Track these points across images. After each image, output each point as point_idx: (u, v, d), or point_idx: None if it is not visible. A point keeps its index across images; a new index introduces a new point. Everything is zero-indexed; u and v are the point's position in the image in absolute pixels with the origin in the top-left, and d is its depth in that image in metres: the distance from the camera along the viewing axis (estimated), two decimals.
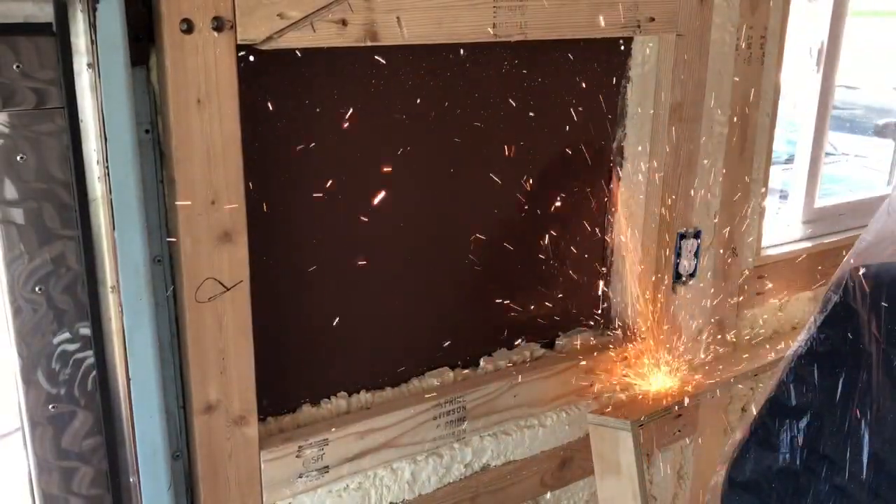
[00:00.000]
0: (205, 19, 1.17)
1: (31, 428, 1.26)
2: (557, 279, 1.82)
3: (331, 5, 1.27)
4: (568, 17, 1.52)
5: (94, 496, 1.33)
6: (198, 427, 1.34)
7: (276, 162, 1.39)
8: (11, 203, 1.16)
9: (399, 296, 1.60)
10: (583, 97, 1.72)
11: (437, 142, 1.55)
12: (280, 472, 1.44)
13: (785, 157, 3.25)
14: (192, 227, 1.25)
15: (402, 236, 1.56)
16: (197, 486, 1.38)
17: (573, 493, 1.93)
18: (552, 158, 1.72)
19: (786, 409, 1.48)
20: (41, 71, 1.14)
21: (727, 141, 1.88)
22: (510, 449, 1.76)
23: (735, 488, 1.53)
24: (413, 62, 1.48)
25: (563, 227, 1.79)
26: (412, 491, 1.65)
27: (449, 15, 1.38)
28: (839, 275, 1.44)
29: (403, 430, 1.57)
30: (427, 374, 1.68)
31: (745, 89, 1.87)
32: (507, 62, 1.58)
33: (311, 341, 1.52)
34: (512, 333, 1.79)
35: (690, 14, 1.69)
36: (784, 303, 2.26)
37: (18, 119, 1.14)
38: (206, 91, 1.20)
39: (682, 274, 1.89)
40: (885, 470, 1.36)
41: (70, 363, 1.26)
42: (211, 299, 1.29)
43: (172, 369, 1.35)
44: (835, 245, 2.30)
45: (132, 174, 1.18)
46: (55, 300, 1.22)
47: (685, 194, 1.82)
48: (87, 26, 1.12)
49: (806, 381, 1.45)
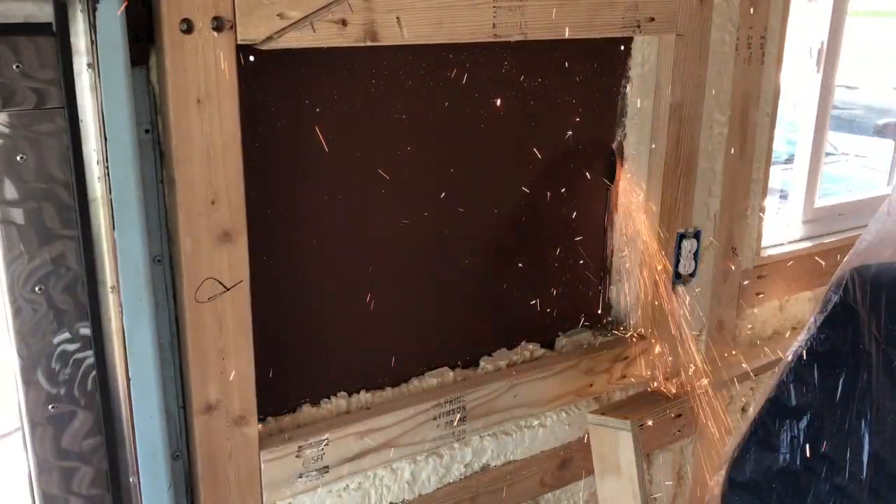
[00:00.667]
0: (205, 19, 1.17)
1: (31, 428, 1.26)
2: (557, 279, 1.82)
3: (331, 5, 1.27)
4: (568, 17, 1.52)
5: (94, 496, 1.33)
6: (198, 427, 1.34)
7: (276, 162, 1.39)
8: (11, 203, 1.16)
9: (399, 296, 1.60)
10: (583, 97, 1.72)
11: (437, 142, 1.55)
12: (280, 472, 1.44)
13: (785, 157, 3.25)
14: (192, 227, 1.25)
15: (402, 236, 1.56)
16: (197, 486, 1.38)
17: (573, 493, 1.93)
18: (552, 158, 1.72)
19: (786, 409, 1.48)
20: (41, 71, 1.14)
21: (727, 141, 1.88)
22: (510, 449, 1.76)
23: (735, 488, 1.53)
24: (413, 62, 1.48)
25: (563, 227, 1.79)
26: (412, 491, 1.65)
27: (449, 15, 1.38)
28: (839, 275, 1.44)
29: (403, 430, 1.57)
30: (427, 374, 1.68)
31: (745, 89, 1.87)
32: (507, 62, 1.58)
33: (311, 341, 1.52)
34: (512, 333, 1.79)
35: (690, 14, 1.69)
36: (784, 303, 2.26)
37: (18, 119, 1.14)
38: (206, 91, 1.20)
39: (682, 274, 1.89)
40: (885, 470, 1.36)
41: (70, 363, 1.26)
42: (211, 299, 1.29)
43: (172, 369, 1.35)
44: (835, 245, 2.30)
45: (132, 174, 1.18)
46: (55, 300, 1.22)
47: (685, 194, 1.83)
48: (87, 26, 1.12)
49: (806, 381, 1.45)
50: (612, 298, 1.93)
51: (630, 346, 1.86)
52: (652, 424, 1.88)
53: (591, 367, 1.80)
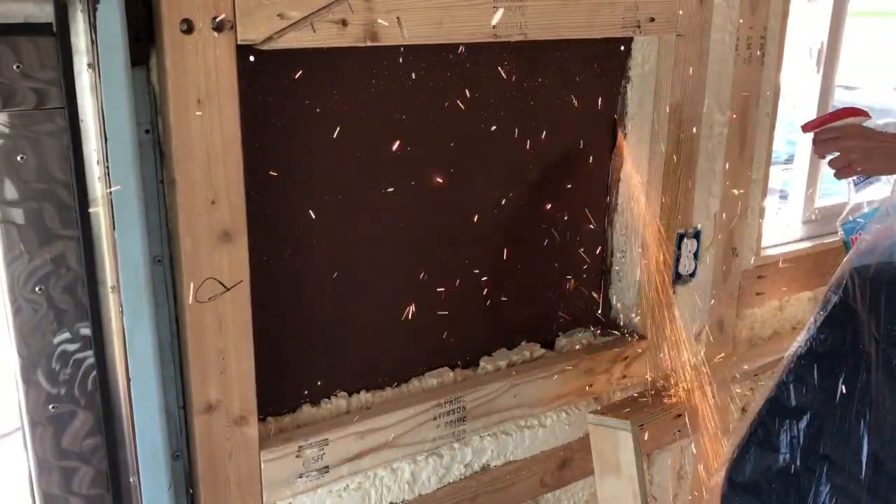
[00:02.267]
0: (205, 19, 1.17)
1: (31, 428, 1.26)
2: (557, 279, 1.82)
3: (331, 5, 1.27)
4: (568, 17, 1.52)
5: (94, 496, 1.33)
6: (198, 427, 1.34)
7: (277, 162, 1.38)
8: (11, 203, 1.16)
9: (399, 295, 1.60)
10: (583, 97, 1.72)
11: (437, 142, 1.55)
12: (280, 472, 1.44)
13: (785, 157, 3.25)
14: (192, 227, 1.25)
15: (402, 236, 1.57)
16: (197, 486, 1.38)
17: (573, 493, 1.93)
18: (552, 159, 1.72)
19: (786, 409, 1.48)
20: (41, 71, 1.14)
21: (727, 141, 1.88)
22: (510, 449, 1.76)
23: (735, 489, 1.53)
24: (413, 62, 1.48)
25: (563, 227, 1.79)
26: (412, 491, 1.65)
27: (449, 15, 1.38)
28: (839, 275, 1.44)
29: (403, 430, 1.57)
30: (427, 374, 1.68)
31: (745, 89, 1.87)
32: (507, 62, 1.58)
33: (312, 341, 1.52)
34: (512, 333, 1.79)
35: (690, 14, 1.69)
36: (784, 303, 2.26)
37: (18, 119, 1.14)
38: (206, 91, 1.20)
39: (682, 274, 1.89)
40: (885, 470, 1.36)
41: (70, 363, 1.26)
42: (211, 299, 1.29)
43: (172, 369, 1.35)
44: (835, 245, 2.29)
45: (132, 174, 1.18)
46: (55, 300, 1.22)
47: (685, 194, 1.83)
48: (87, 26, 1.12)
49: (806, 381, 1.45)
50: (612, 298, 1.93)
51: (630, 346, 1.86)
52: (652, 424, 1.88)
53: (591, 367, 1.80)
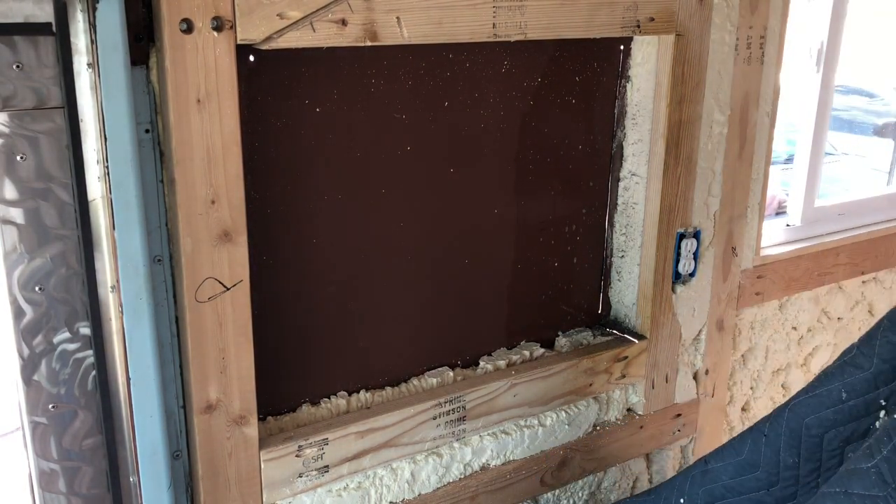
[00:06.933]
0: (205, 19, 1.17)
1: (31, 428, 1.26)
2: (557, 279, 1.82)
3: (331, 5, 1.27)
4: (568, 17, 1.52)
5: (94, 496, 1.33)
6: (198, 427, 1.34)
7: (276, 162, 1.39)
8: (11, 203, 1.16)
9: (399, 295, 1.60)
10: (583, 97, 1.72)
11: (437, 142, 1.55)
12: (280, 472, 1.44)
13: (785, 157, 3.26)
14: (192, 227, 1.25)
15: (402, 236, 1.57)
16: (197, 485, 1.38)
17: (573, 493, 1.93)
18: (552, 158, 1.72)
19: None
20: (41, 70, 1.14)
21: (727, 141, 1.88)
22: (510, 448, 1.76)
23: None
24: (413, 62, 1.48)
25: (562, 227, 1.79)
26: (412, 490, 1.65)
27: (449, 15, 1.38)
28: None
29: (403, 430, 1.57)
30: (427, 373, 1.68)
31: (745, 89, 1.87)
32: (507, 62, 1.58)
33: (312, 341, 1.52)
34: (512, 333, 1.79)
35: (690, 14, 1.69)
36: (784, 303, 2.27)
37: (18, 119, 1.14)
38: (206, 91, 1.20)
39: (681, 274, 1.89)
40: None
41: (70, 363, 1.26)
42: (211, 299, 1.29)
43: (172, 369, 1.35)
44: (835, 245, 2.30)
45: (132, 174, 1.18)
46: (55, 300, 1.22)
47: (685, 194, 1.83)
48: (87, 26, 1.12)
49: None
50: (612, 298, 1.93)
51: (630, 346, 1.86)
52: (652, 424, 1.88)
53: (590, 367, 1.80)
